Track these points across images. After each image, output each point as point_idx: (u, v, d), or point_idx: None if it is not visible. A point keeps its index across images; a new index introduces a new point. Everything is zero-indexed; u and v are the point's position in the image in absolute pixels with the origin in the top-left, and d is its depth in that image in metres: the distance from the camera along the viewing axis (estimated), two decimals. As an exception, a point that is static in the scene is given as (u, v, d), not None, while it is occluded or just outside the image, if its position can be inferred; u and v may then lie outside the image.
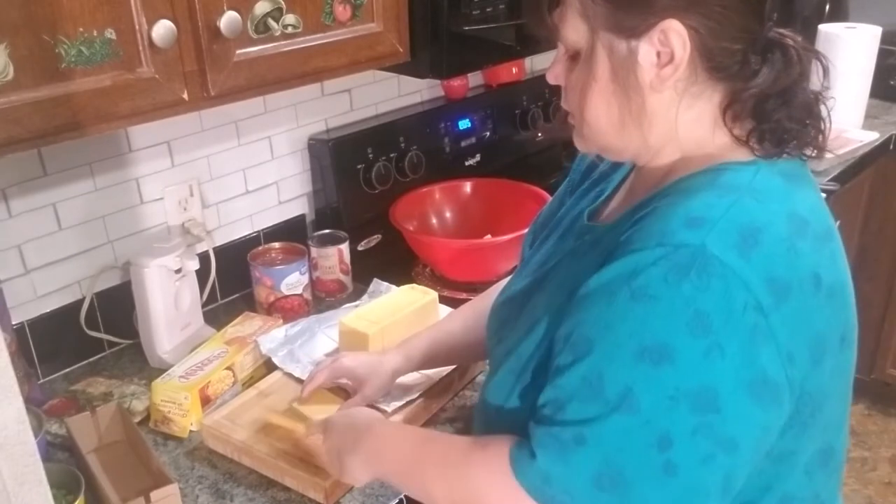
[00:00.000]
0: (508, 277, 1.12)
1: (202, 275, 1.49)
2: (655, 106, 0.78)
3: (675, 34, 0.73)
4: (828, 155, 0.84)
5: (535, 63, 2.11)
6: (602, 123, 0.81)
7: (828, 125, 0.82)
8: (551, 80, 0.85)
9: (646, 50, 0.75)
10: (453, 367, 1.26)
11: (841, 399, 0.84)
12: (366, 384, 1.14)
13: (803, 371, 0.73)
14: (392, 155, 1.74)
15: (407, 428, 0.96)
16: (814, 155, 0.82)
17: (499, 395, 0.89)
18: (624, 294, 0.70)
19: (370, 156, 1.70)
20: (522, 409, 0.84)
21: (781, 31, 0.78)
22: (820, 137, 0.81)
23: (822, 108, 0.81)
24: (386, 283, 1.54)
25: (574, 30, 0.78)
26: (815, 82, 0.81)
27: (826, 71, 0.81)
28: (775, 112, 0.77)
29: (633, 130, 0.80)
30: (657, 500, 0.70)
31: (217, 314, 1.54)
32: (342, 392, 1.21)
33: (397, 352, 1.17)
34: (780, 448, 0.77)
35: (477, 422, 1.00)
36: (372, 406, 1.18)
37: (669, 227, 0.71)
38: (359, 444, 0.95)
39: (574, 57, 0.80)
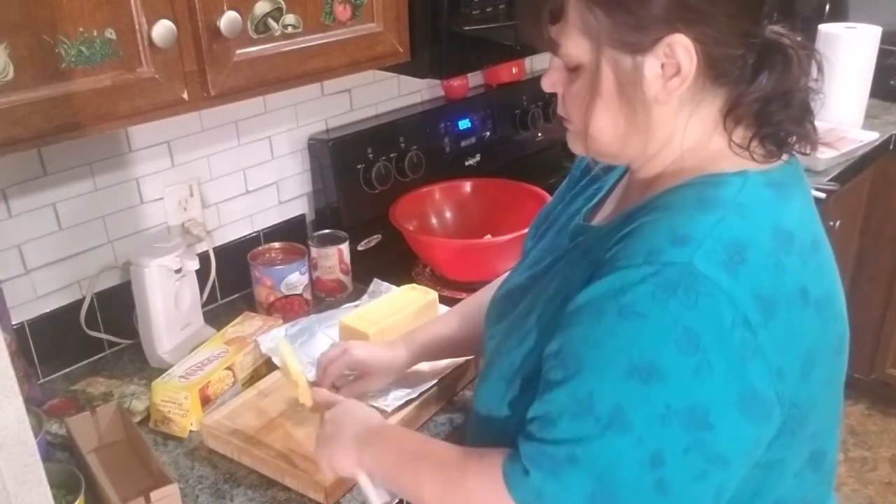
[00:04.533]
0: (508, 272, 1.12)
1: (202, 275, 1.49)
2: (661, 117, 0.78)
3: (681, 48, 0.73)
4: (825, 150, 0.84)
5: (535, 63, 2.11)
6: (607, 137, 0.80)
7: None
8: (548, 87, 0.84)
9: (651, 64, 0.74)
10: (453, 367, 1.26)
11: (831, 406, 0.84)
12: (373, 377, 1.15)
13: (792, 385, 0.73)
14: (392, 155, 1.74)
15: (405, 429, 0.99)
16: (808, 151, 0.82)
17: (489, 401, 0.89)
18: (612, 311, 0.70)
19: (370, 156, 1.70)
20: (511, 419, 0.85)
21: (778, 29, 0.78)
22: (814, 133, 0.81)
23: (814, 104, 0.81)
24: (386, 283, 1.54)
25: (576, 46, 0.77)
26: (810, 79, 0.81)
27: (821, 68, 0.81)
28: (776, 114, 0.77)
29: (636, 141, 0.80)
30: None
31: (217, 314, 1.54)
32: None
33: (403, 347, 1.18)
34: (769, 457, 0.77)
35: (468, 425, 1.01)
36: (370, 405, 1.18)
37: (655, 245, 0.71)
38: (358, 434, 0.96)
39: (574, 68, 0.79)
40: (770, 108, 0.77)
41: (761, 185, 0.77)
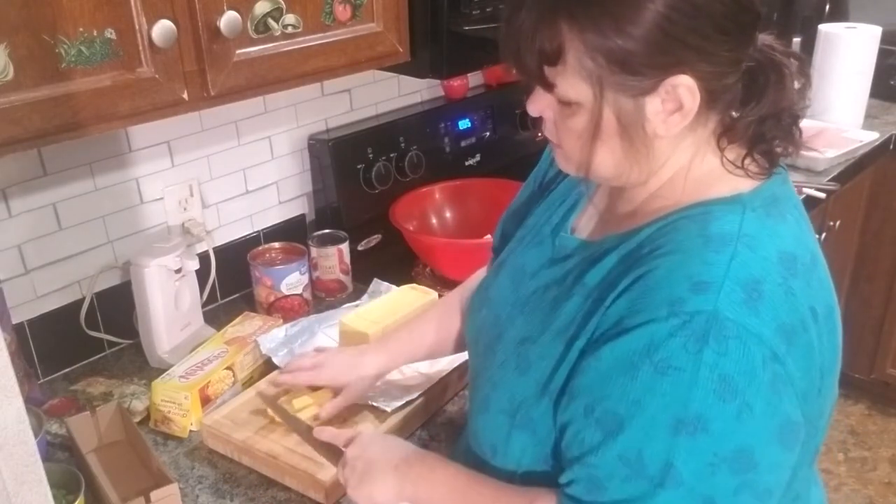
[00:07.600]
0: (478, 273, 1.15)
1: (202, 275, 1.49)
2: (661, 150, 0.78)
3: (684, 88, 0.73)
4: (825, 150, 0.84)
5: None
6: (607, 170, 0.80)
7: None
8: (535, 113, 0.82)
9: (653, 103, 0.74)
10: (453, 368, 1.26)
11: (831, 407, 0.86)
12: (348, 388, 1.14)
13: (811, 404, 0.75)
14: (392, 155, 1.74)
15: (444, 459, 0.95)
16: (791, 153, 0.82)
17: (491, 435, 0.89)
18: (647, 368, 0.70)
19: (370, 156, 1.70)
20: (517, 457, 0.85)
21: (767, 41, 0.78)
22: (799, 137, 0.81)
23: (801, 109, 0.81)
24: (386, 283, 1.54)
25: (573, 88, 0.75)
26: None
27: (809, 77, 0.81)
28: (770, 132, 0.78)
29: (636, 171, 0.80)
30: None
31: (217, 314, 1.54)
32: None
33: (379, 353, 1.16)
34: None
35: (463, 450, 0.99)
36: (370, 404, 1.18)
37: (677, 294, 0.71)
38: (393, 464, 0.93)
39: (568, 103, 0.77)
40: (764, 126, 0.78)
41: (759, 208, 0.77)
